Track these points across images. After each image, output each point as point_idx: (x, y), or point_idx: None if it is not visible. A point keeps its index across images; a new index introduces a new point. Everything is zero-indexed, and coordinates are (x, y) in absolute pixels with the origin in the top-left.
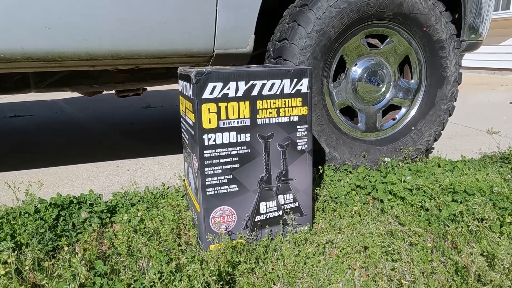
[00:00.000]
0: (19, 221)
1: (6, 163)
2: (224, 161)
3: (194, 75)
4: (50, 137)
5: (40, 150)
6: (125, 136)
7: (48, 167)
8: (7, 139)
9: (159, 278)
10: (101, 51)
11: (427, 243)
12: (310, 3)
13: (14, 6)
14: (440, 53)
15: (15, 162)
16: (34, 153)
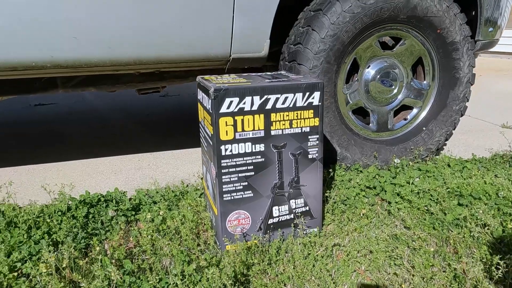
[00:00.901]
0: (54, 220)
1: (36, 155)
2: (240, 169)
3: (213, 92)
4: (74, 127)
5: (66, 141)
6: (144, 126)
7: (75, 160)
8: (36, 129)
9: (181, 280)
10: (124, 58)
11: (430, 247)
12: (324, 8)
13: (44, 18)
14: (453, 55)
15: (44, 154)
16: (61, 144)
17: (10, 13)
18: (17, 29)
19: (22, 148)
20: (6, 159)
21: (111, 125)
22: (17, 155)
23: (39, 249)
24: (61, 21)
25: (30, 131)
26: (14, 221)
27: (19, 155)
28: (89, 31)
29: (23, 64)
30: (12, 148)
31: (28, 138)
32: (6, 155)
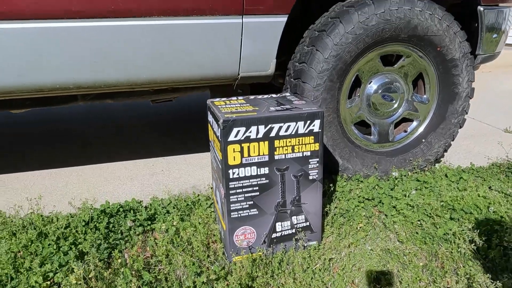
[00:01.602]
0: (79, 230)
1: (57, 158)
2: (246, 190)
3: (222, 123)
4: (90, 129)
5: (84, 143)
6: (157, 129)
7: (93, 164)
8: (51, 130)
9: None
10: (140, 79)
11: (419, 262)
12: (328, 29)
13: (68, 46)
14: (453, 71)
15: (65, 157)
16: (79, 145)
17: (35, 46)
18: (42, 57)
19: (44, 149)
20: (30, 161)
21: (124, 126)
22: (39, 157)
23: (68, 260)
24: (83, 50)
25: (48, 132)
26: (44, 232)
27: (41, 157)
28: (108, 56)
29: (48, 86)
30: (35, 150)
31: (48, 139)
32: (30, 157)
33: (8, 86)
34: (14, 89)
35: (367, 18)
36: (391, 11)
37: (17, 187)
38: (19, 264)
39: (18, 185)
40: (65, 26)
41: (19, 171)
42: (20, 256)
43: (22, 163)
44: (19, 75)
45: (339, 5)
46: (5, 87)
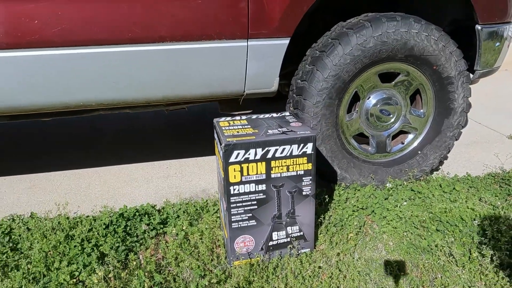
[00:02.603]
0: (100, 232)
1: (79, 160)
2: (246, 204)
3: (223, 146)
4: (108, 131)
5: (103, 146)
6: (172, 131)
7: (112, 166)
8: (74, 133)
9: None
10: (155, 97)
11: (400, 271)
12: (327, 50)
13: (91, 69)
14: (448, 88)
15: (87, 158)
16: (98, 148)
17: (62, 70)
18: (67, 80)
19: (68, 151)
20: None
21: (140, 129)
22: (64, 159)
23: (90, 261)
24: (104, 72)
25: (72, 135)
26: (71, 234)
27: (66, 158)
28: (126, 78)
29: (73, 105)
30: (60, 152)
31: (72, 142)
32: (56, 159)
33: (40, 104)
34: (45, 107)
35: (365, 40)
36: (388, 33)
37: (46, 187)
38: (49, 263)
39: (46, 185)
40: (89, 52)
41: (47, 171)
42: (50, 256)
43: (49, 164)
44: (48, 96)
45: (340, 26)
46: (38, 105)
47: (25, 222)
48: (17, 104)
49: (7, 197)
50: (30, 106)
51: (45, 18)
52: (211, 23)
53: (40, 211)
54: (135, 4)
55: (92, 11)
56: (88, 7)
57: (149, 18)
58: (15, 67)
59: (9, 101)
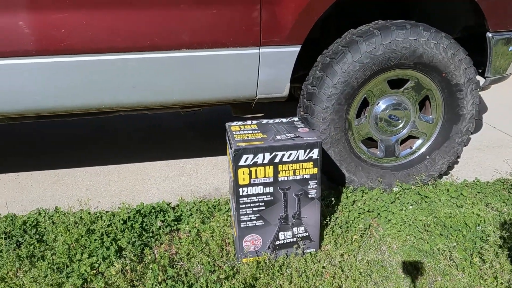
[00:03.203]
0: (118, 227)
1: (100, 156)
2: (254, 205)
3: (233, 151)
4: (128, 129)
5: (123, 142)
6: (188, 130)
7: (131, 163)
8: (94, 131)
9: (205, 286)
10: (171, 100)
11: (402, 273)
12: (337, 57)
13: (111, 75)
14: (457, 95)
15: (106, 156)
16: (118, 145)
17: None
18: (90, 85)
19: (90, 148)
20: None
21: (161, 127)
22: (86, 155)
23: (109, 254)
24: (124, 78)
25: (93, 132)
26: (92, 229)
27: (87, 155)
28: (145, 83)
29: (95, 107)
30: (82, 149)
31: (93, 139)
32: (78, 155)
33: (65, 107)
34: (69, 110)
35: (374, 48)
36: (397, 41)
37: (69, 182)
38: (72, 255)
39: (69, 180)
40: (110, 59)
41: (70, 167)
42: (72, 248)
43: (72, 160)
44: (72, 99)
45: (350, 33)
46: (63, 108)
47: (50, 216)
48: (45, 106)
49: (34, 191)
50: (56, 108)
51: (71, 27)
52: (225, 31)
53: (63, 205)
54: (154, 14)
55: (114, 21)
56: (110, 17)
57: (167, 27)
58: (43, 72)
59: (38, 103)
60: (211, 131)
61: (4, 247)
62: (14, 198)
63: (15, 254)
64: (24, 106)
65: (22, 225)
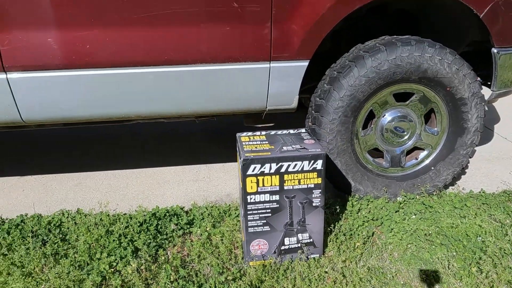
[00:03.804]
0: (135, 230)
1: (119, 160)
2: (261, 212)
3: (242, 161)
4: (146, 135)
5: (141, 149)
6: (204, 136)
7: (147, 168)
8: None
9: (214, 286)
10: (186, 111)
11: (400, 280)
12: (344, 71)
13: (131, 87)
14: (462, 109)
15: (125, 160)
16: (136, 150)
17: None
18: (112, 96)
19: (109, 153)
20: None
21: (178, 133)
22: (105, 159)
23: (126, 254)
24: (143, 90)
25: (112, 138)
26: (110, 230)
27: (107, 159)
28: (162, 95)
29: (116, 117)
30: (103, 152)
31: (112, 144)
32: (98, 159)
33: (88, 116)
34: (92, 119)
35: (379, 63)
36: (402, 57)
37: (90, 185)
38: (92, 254)
39: (90, 183)
40: (130, 72)
41: (90, 170)
42: (93, 247)
43: (93, 164)
44: (95, 110)
45: (357, 48)
46: (86, 117)
47: (72, 217)
48: (71, 115)
49: (57, 193)
50: (80, 117)
51: (95, 43)
52: (237, 47)
53: (85, 207)
54: (171, 31)
55: (134, 38)
56: (131, 34)
57: (184, 43)
58: (70, 85)
59: (63, 113)
60: (224, 137)
61: (31, 244)
62: (40, 199)
63: (41, 251)
64: (53, 115)
65: (47, 225)
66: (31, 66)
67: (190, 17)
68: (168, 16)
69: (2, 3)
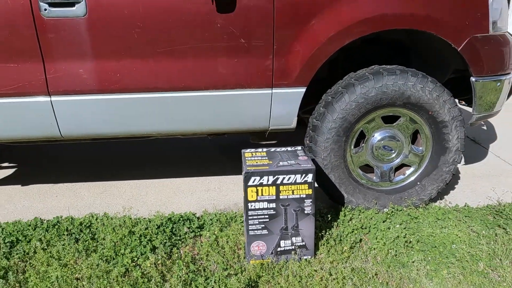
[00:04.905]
0: (153, 232)
1: (140, 171)
2: (260, 217)
3: (244, 173)
4: (166, 149)
5: (157, 160)
6: (212, 152)
7: (165, 178)
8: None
9: (218, 280)
10: (199, 129)
11: (379, 279)
12: (336, 97)
13: (152, 109)
14: (443, 130)
15: (147, 171)
16: (156, 162)
17: (132, 111)
18: (135, 117)
19: (131, 164)
20: (121, 173)
21: (194, 147)
22: (128, 170)
23: (145, 251)
24: (162, 112)
25: (135, 152)
26: (132, 231)
27: (130, 169)
28: (179, 116)
29: (139, 134)
30: (125, 164)
31: (135, 157)
32: (121, 170)
33: (114, 133)
34: (118, 135)
35: (367, 90)
36: (387, 85)
37: (114, 193)
38: (117, 250)
39: (114, 191)
40: (152, 96)
41: (114, 180)
42: (117, 245)
43: (117, 174)
44: (121, 128)
45: (349, 77)
46: (113, 134)
47: (100, 219)
48: (101, 132)
49: (86, 198)
50: (108, 134)
51: (124, 72)
52: (244, 76)
53: (110, 211)
54: (188, 62)
55: (156, 68)
56: (154, 65)
57: (198, 72)
58: (102, 107)
59: (95, 130)
60: (233, 152)
61: (66, 241)
62: (71, 204)
63: (75, 247)
64: (87, 131)
65: (79, 225)
66: (71, 90)
67: (204, 51)
68: (185, 50)
69: (50, 41)
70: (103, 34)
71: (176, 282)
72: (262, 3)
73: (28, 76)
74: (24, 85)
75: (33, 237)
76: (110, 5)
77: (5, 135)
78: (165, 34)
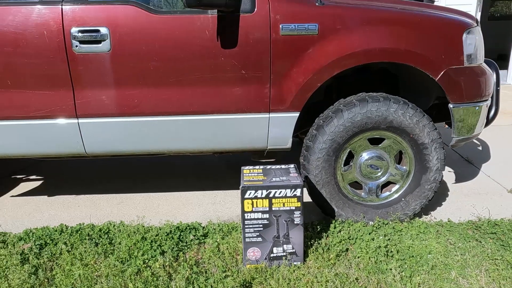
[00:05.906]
0: (163, 238)
1: (152, 184)
2: (255, 226)
3: (241, 187)
4: (177, 163)
5: (170, 174)
6: (221, 166)
7: (175, 192)
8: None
9: (217, 279)
10: (205, 149)
11: (360, 284)
12: (326, 121)
13: (165, 131)
14: (424, 152)
15: (157, 184)
16: (166, 176)
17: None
18: (148, 137)
19: (145, 178)
20: (136, 187)
21: (199, 163)
22: (141, 183)
23: (155, 254)
24: (173, 133)
25: (148, 165)
26: (145, 237)
27: (143, 183)
28: (188, 137)
29: (152, 152)
30: (138, 177)
31: (148, 170)
32: (135, 183)
33: (131, 151)
34: (134, 153)
35: (354, 115)
36: (371, 111)
37: (129, 204)
38: (131, 253)
39: (130, 202)
40: (164, 119)
41: (130, 192)
42: (131, 248)
43: (131, 187)
44: (137, 146)
45: (338, 103)
46: (130, 151)
47: (117, 227)
48: (120, 150)
49: (104, 209)
50: (127, 151)
51: (140, 98)
52: (245, 102)
53: (126, 220)
54: (195, 90)
55: (169, 95)
56: (166, 92)
57: (205, 99)
58: (122, 128)
59: (115, 148)
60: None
61: (88, 245)
62: (91, 213)
63: (95, 250)
64: (108, 149)
65: (99, 231)
66: (95, 114)
67: (210, 81)
68: (194, 80)
69: (79, 72)
70: (124, 66)
71: (180, 281)
72: (260, 40)
73: (60, 101)
74: (56, 109)
75: (59, 241)
76: (130, 42)
77: (37, 152)
78: (176, 66)
